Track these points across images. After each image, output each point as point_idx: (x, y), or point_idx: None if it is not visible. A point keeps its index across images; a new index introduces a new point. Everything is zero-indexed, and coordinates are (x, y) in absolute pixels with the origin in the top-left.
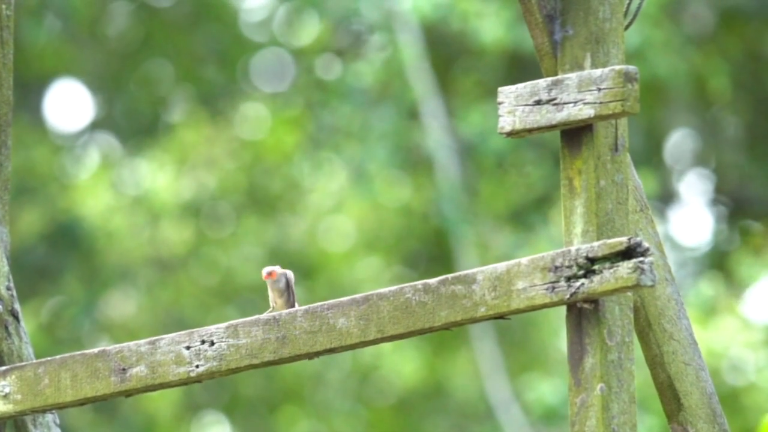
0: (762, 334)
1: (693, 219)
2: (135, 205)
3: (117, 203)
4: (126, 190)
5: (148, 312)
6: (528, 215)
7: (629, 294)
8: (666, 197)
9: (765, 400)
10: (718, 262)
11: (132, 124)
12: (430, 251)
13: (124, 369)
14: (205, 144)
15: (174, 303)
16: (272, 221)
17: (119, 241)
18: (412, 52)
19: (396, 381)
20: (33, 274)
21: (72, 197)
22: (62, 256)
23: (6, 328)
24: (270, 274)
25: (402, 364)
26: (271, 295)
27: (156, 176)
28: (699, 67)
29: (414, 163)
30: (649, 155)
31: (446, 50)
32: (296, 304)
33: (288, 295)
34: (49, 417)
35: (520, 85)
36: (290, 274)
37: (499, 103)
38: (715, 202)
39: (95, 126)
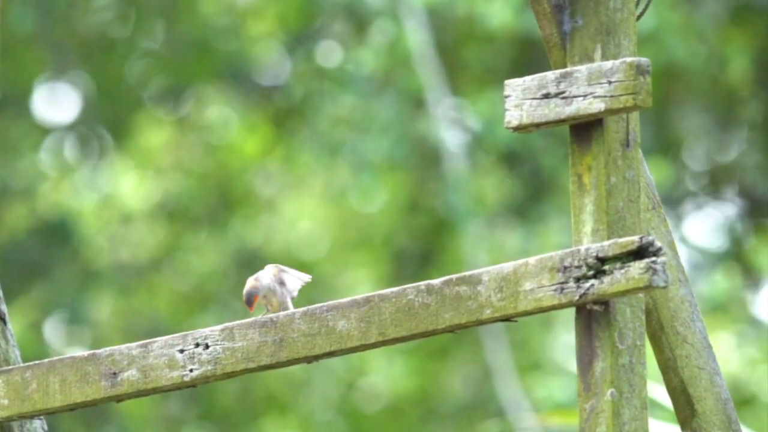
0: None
1: (707, 217)
2: (108, 206)
3: (92, 203)
4: (101, 190)
5: (121, 316)
6: (537, 207)
7: (641, 295)
8: (679, 194)
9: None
10: (733, 261)
11: (107, 120)
12: (426, 249)
13: (114, 373)
14: (182, 143)
15: (146, 308)
16: (251, 223)
17: (94, 242)
18: (416, 38)
19: (386, 386)
20: (21, 273)
21: (58, 194)
22: (52, 254)
23: None
24: (251, 304)
25: (392, 369)
26: (267, 308)
27: (132, 175)
28: (719, 49)
29: (419, 154)
30: (663, 150)
31: (453, 36)
32: (290, 303)
33: (279, 295)
34: (37, 423)
35: (527, 78)
36: (270, 281)
37: (506, 97)
38: (730, 199)
39: (77, 122)
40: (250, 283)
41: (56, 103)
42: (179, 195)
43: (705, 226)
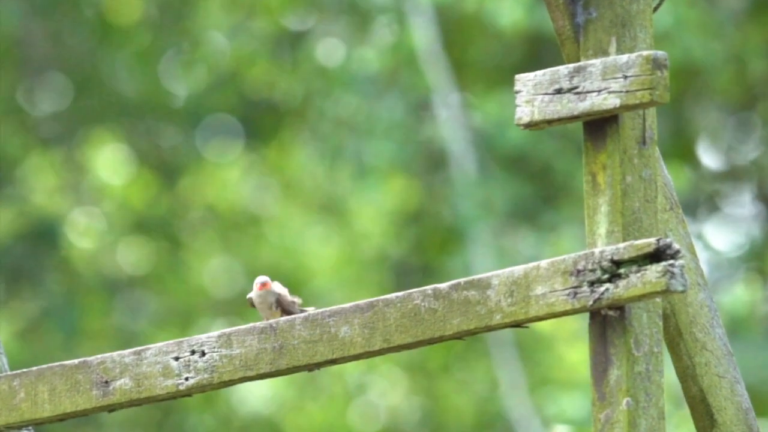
0: None
1: (727, 219)
2: (95, 213)
3: (79, 209)
4: (89, 195)
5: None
6: (549, 214)
7: (658, 300)
8: (698, 195)
9: None
10: (754, 266)
11: (95, 122)
12: (431, 258)
13: (106, 382)
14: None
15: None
16: (245, 235)
17: (83, 249)
18: (422, 36)
19: (384, 406)
20: (8, 279)
21: (48, 195)
22: (40, 259)
23: None
24: (264, 284)
25: (391, 387)
26: (262, 314)
27: (119, 180)
28: (737, 48)
29: (425, 157)
30: (680, 149)
31: (461, 34)
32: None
33: (279, 312)
34: None
35: (539, 73)
36: (283, 290)
37: (516, 92)
38: (752, 201)
39: (63, 123)
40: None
41: (44, 103)
42: (165, 208)
43: (723, 229)
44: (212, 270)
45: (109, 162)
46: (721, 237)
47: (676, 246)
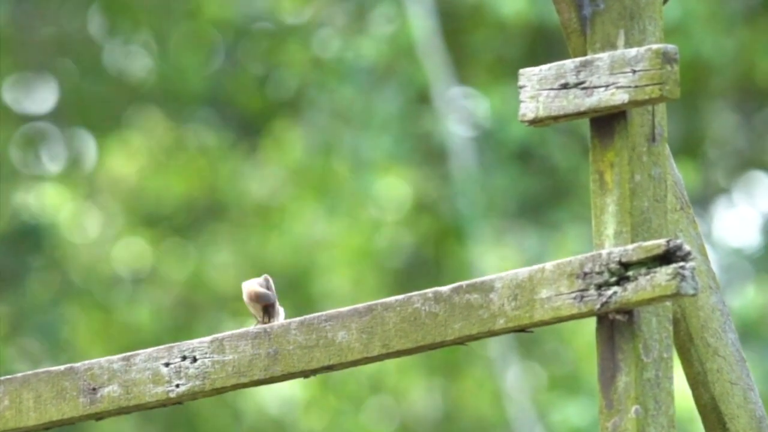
0: None
1: (740, 219)
2: (86, 210)
3: (69, 206)
4: (80, 192)
5: (100, 329)
6: (553, 212)
7: (668, 304)
8: (709, 194)
9: None
10: (767, 267)
11: (88, 116)
12: (430, 257)
13: (94, 389)
14: (171, 143)
15: (134, 320)
16: (245, 230)
17: (71, 249)
18: (421, 25)
19: (399, 406)
20: None
21: (36, 193)
22: (24, 261)
23: None
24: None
25: (406, 387)
26: (258, 315)
27: (113, 177)
28: (747, 44)
29: (423, 152)
30: (691, 146)
31: (462, 24)
32: (280, 310)
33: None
34: None
35: (544, 67)
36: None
37: (521, 87)
38: (764, 199)
39: (53, 117)
40: (258, 287)
41: (30, 95)
42: (164, 201)
43: (735, 229)
44: (217, 265)
45: (107, 154)
46: (732, 236)
47: (686, 247)
